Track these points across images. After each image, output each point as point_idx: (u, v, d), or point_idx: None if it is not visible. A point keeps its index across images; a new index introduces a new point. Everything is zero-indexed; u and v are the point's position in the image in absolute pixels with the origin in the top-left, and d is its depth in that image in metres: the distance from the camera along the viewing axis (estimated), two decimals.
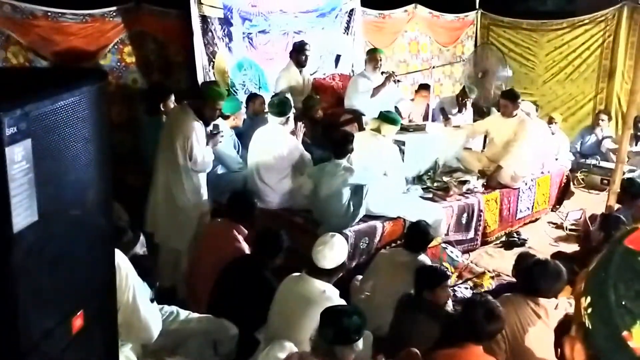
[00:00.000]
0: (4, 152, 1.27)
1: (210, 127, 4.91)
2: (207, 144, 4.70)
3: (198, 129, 4.53)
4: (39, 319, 1.46)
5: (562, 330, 2.82)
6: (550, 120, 7.86)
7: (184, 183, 4.59)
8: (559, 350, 2.80)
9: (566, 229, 6.43)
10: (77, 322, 1.63)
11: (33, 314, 1.43)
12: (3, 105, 1.27)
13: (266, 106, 6.14)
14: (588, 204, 6.76)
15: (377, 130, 5.25)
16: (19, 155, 1.31)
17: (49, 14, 5.40)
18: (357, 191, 4.78)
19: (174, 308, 3.54)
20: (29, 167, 1.34)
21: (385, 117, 5.29)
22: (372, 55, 6.64)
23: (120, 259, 2.50)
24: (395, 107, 6.65)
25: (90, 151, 1.64)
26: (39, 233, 1.40)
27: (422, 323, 3.48)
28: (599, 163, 8.04)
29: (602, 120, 8.45)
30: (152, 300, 2.84)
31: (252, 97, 6.19)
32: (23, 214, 1.34)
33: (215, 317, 3.61)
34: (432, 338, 3.29)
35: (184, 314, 3.53)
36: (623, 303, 0.78)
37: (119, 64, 5.98)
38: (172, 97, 5.40)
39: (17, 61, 5.34)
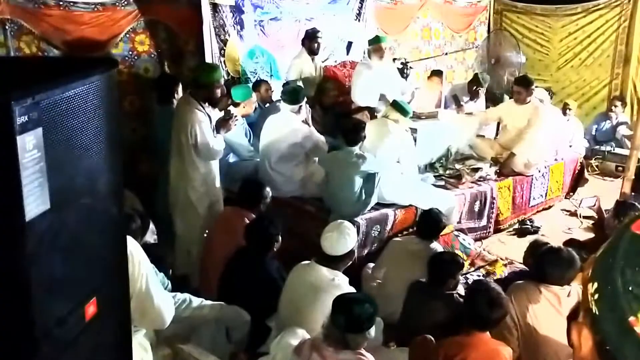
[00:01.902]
0: (16, 141, 1.27)
1: (222, 114, 4.92)
2: (217, 131, 4.70)
3: (202, 118, 4.53)
4: (52, 306, 1.48)
5: (574, 317, 2.81)
6: (565, 107, 7.79)
7: (190, 173, 4.63)
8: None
9: (580, 217, 6.39)
10: (90, 309, 1.64)
11: (46, 301, 1.44)
12: (14, 94, 1.27)
13: (272, 92, 6.14)
14: (602, 191, 6.71)
15: (394, 119, 5.22)
16: (30, 144, 1.32)
17: (61, 3, 5.41)
18: (369, 179, 4.78)
19: (187, 296, 3.56)
20: (40, 155, 1.35)
21: (397, 106, 5.27)
22: (375, 45, 6.52)
23: (133, 247, 2.52)
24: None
25: (101, 140, 1.65)
26: (51, 221, 1.41)
27: (436, 310, 3.48)
28: (613, 149, 7.98)
29: (617, 106, 8.36)
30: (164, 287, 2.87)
31: (257, 84, 6.18)
32: (35, 202, 1.35)
33: (228, 304, 3.64)
34: (444, 325, 3.30)
35: (196, 301, 3.55)
36: (630, 289, 0.77)
37: (130, 52, 5.99)
38: (180, 86, 5.42)
39: (30, 51, 5.37)
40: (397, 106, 5.25)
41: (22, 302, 1.38)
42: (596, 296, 0.82)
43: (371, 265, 4.59)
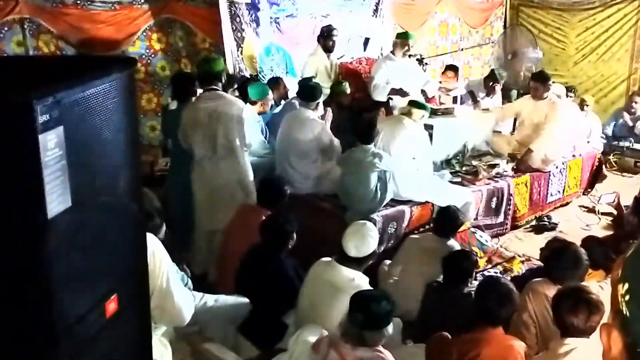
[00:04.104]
0: (38, 140, 1.29)
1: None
2: None
3: (245, 110, 4.70)
4: (73, 303, 1.49)
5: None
6: (582, 103, 7.69)
7: (232, 168, 4.69)
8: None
9: (598, 213, 6.33)
10: (111, 306, 1.66)
11: (68, 298, 1.46)
12: (35, 93, 1.29)
13: (288, 89, 6.13)
14: (621, 187, 6.64)
15: (408, 114, 5.20)
16: (51, 142, 1.33)
17: (79, 2, 5.46)
18: (382, 176, 4.76)
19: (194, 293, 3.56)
20: (61, 154, 1.36)
21: (416, 104, 5.26)
22: (402, 41, 6.53)
23: (155, 245, 2.53)
24: (422, 91, 6.59)
25: (121, 137, 1.66)
26: (72, 219, 1.42)
27: (455, 311, 3.47)
28: (632, 145, 7.88)
29: (636, 102, 8.25)
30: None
31: (273, 82, 6.14)
32: (57, 200, 1.36)
33: (226, 296, 3.68)
34: (464, 324, 3.29)
35: (198, 296, 3.56)
36: None
37: (147, 50, 6.03)
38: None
39: (48, 49, 5.42)
40: (416, 104, 5.24)
41: (44, 299, 1.40)
42: (627, 297, 0.81)
43: (387, 262, 4.58)
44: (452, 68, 7.51)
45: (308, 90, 5.22)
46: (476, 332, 2.91)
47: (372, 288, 3.48)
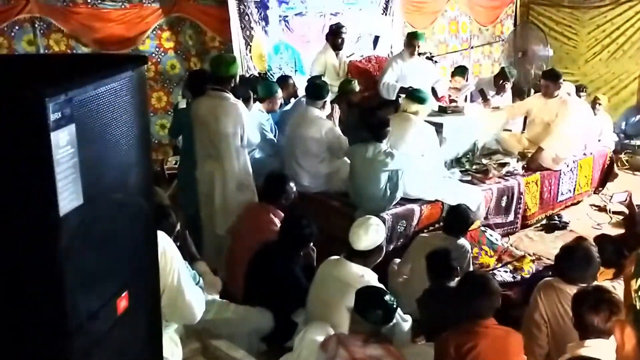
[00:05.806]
0: (50, 138, 1.29)
1: None
2: None
3: (245, 111, 4.63)
4: (85, 300, 1.50)
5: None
6: (595, 101, 7.64)
7: (229, 166, 4.64)
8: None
9: (609, 212, 6.29)
10: (122, 303, 1.66)
11: (79, 295, 1.46)
12: (48, 91, 1.29)
13: (297, 88, 6.12)
14: (632, 186, 6.60)
15: (413, 112, 5.18)
16: (63, 140, 1.33)
17: (89, 1, 5.48)
18: (393, 175, 4.75)
19: (212, 296, 3.56)
20: (73, 151, 1.37)
21: (413, 96, 5.21)
22: (409, 40, 6.50)
23: (166, 243, 2.54)
24: (432, 88, 6.56)
25: (132, 135, 1.66)
26: (84, 216, 1.43)
27: (446, 307, 3.48)
28: None
29: None
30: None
31: (282, 80, 6.11)
32: (69, 197, 1.37)
33: (252, 306, 3.66)
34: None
35: (220, 302, 3.56)
36: None
37: (157, 49, 6.05)
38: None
39: (59, 48, 5.46)
40: (413, 97, 5.18)
41: (57, 295, 1.41)
42: None
43: (397, 261, 4.57)
44: (460, 73, 7.46)
45: (315, 89, 5.21)
46: (469, 325, 2.93)
47: (381, 285, 3.47)
